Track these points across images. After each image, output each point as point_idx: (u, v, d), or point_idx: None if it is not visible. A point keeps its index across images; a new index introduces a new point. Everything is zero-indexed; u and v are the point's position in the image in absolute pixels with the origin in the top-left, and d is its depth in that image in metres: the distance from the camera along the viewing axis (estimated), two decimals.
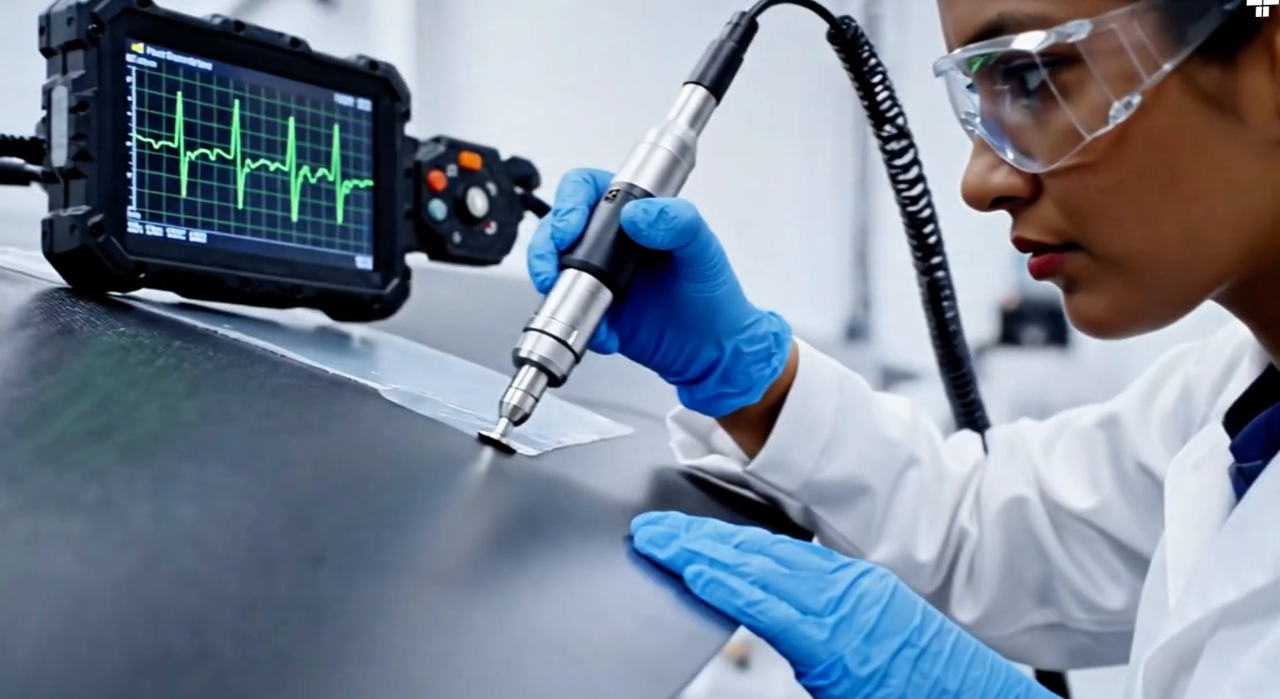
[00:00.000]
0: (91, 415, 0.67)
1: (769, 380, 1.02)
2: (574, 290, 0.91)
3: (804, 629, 0.78)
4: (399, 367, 1.06)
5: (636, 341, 0.99)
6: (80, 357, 0.77)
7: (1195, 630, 0.83)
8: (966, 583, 1.17)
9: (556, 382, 0.90)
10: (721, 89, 0.98)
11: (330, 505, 0.66)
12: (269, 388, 0.83)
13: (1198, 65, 0.77)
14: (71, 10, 0.95)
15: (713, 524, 0.83)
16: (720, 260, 0.96)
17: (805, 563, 0.81)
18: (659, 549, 0.80)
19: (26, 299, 0.89)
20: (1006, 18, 0.80)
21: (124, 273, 0.95)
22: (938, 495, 1.15)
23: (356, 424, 0.83)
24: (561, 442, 0.96)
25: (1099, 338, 0.87)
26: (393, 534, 0.67)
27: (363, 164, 1.11)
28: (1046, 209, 0.84)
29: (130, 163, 0.97)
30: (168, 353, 0.83)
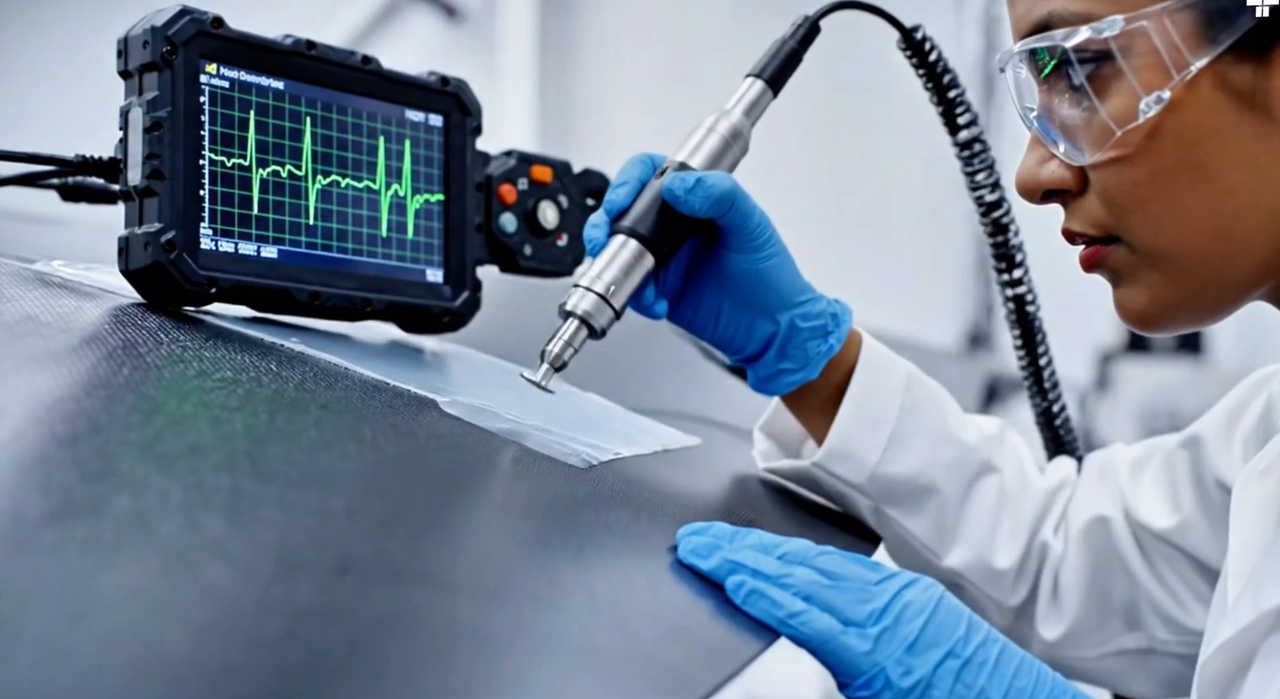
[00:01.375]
0: (137, 427, 0.69)
1: (825, 357, 1.06)
2: (620, 254, 0.98)
3: (846, 640, 0.78)
4: (464, 379, 1.08)
5: (699, 318, 1.05)
6: (137, 370, 0.79)
7: (1249, 634, 0.82)
8: (1051, 599, 1.16)
9: (596, 334, 0.97)
10: (779, 84, 1.04)
11: (362, 516, 0.68)
12: (324, 400, 0.85)
13: (1230, 64, 0.79)
14: (147, 34, 0.98)
15: (757, 535, 0.83)
16: (764, 230, 1.02)
17: (849, 574, 0.81)
18: (702, 560, 0.81)
19: (99, 314, 0.92)
20: (1054, 15, 0.83)
21: (195, 288, 0.98)
22: (1019, 505, 1.15)
23: (412, 436, 0.85)
24: (619, 453, 0.97)
25: (1143, 332, 0.89)
26: (430, 544, 0.69)
27: (434, 178, 1.13)
28: (1091, 202, 0.86)
29: (204, 180, 0.99)
30: (227, 366, 0.86)
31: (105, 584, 0.52)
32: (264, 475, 0.68)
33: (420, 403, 0.92)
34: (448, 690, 0.56)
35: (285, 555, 0.61)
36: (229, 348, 0.92)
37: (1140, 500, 1.14)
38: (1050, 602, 1.16)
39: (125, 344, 0.84)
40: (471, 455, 0.86)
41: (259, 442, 0.74)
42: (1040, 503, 1.17)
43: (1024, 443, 1.19)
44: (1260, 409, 1.07)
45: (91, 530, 0.56)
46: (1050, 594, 1.16)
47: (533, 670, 0.59)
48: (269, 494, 0.66)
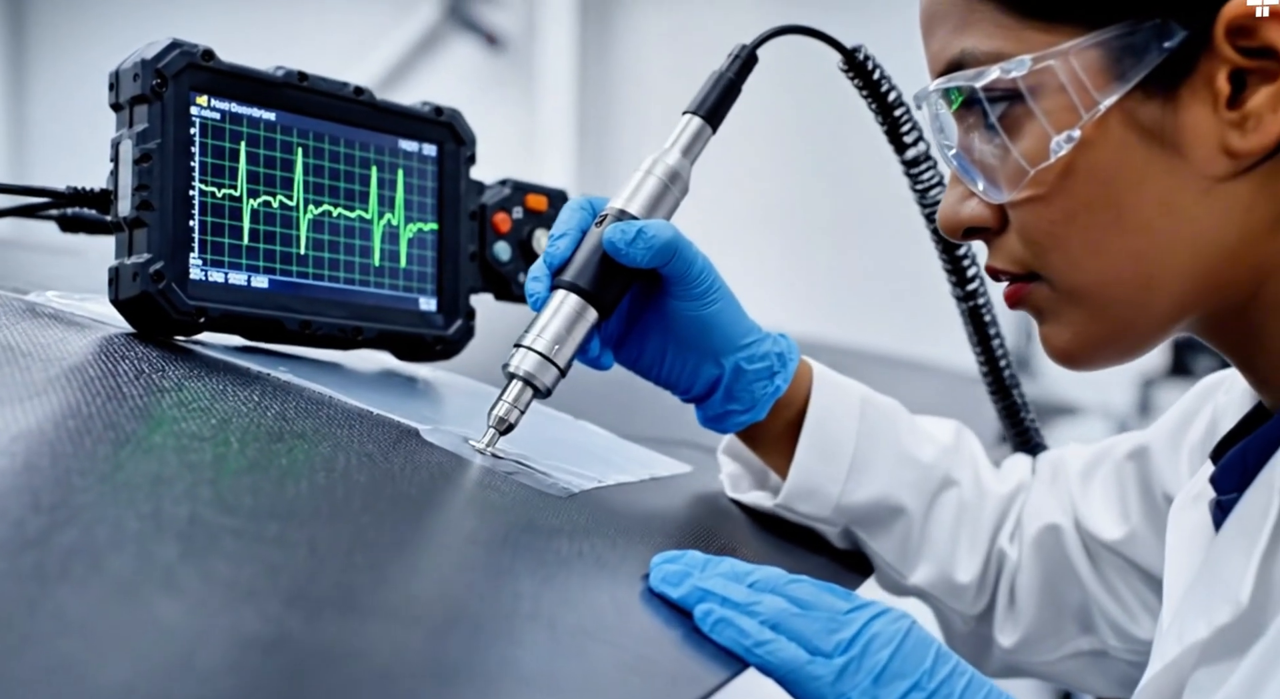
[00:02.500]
0: (103, 457, 0.70)
1: (772, 398, 1.06)
2: (561, 309, 0.98)
3: (812, 670, 0.78)
4: (453, 408, 1.09)
5: (643, 360, 1.06)
6: (111, 400, 0.80)
7: (1175, 668, 0.82)
8: (1008, 606, 1.17)
9: (541, 394, 0.96)
10: (718, 119, 1.03)
11: (321, 546, 0.68)
12: (301, 430, 0.86)
13: (1139, 101, 0.78)
14: (137, 67, 0.99)
15: (729, 563, 0.83)
16: (707, 278, 1.02)
17: (819, 603, 0.81)
18: (672, 588, 0.81)
19: (83, 344, 0.93)
20: (967, 54, 0.82)
21: (184, 318, 0.99)
22: (978, 517, 1.15)
23: (387, 465, 0.85)
24: (602, 481, 0.97)
25: (1069, 368, 0.88)
26: (389, 575, 0.69)
27: (427, 208, 1.14)
28: (1012, 240, 0.86)
29: (193, 211, 1.00)
30: (207, 396, 0.87)
31: (45, 615, 0.52)
32: (224, 506, 0.69)
33: (401, 432, 0.93)
34: None
35: (234, 585, 0.61)
36: (212, 377, 0.92)
37: (1090, 509, 1.14)
38: (1007, 609, 1.17)
39: (104, 374, 0.85)
40: (447, 484, 0.86)
41: (225, 472, 0.74)
42: (997, 511, 1.17)
43: (978, 444, 1.19)
44: (1207, 420, 1.06)
45: (38, 561, 0.56)
46: (1007, 602, 1.17)
47: None
48: (226, 524, 0.66)
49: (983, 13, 0.81)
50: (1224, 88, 0.76)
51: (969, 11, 0.82)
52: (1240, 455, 0.85)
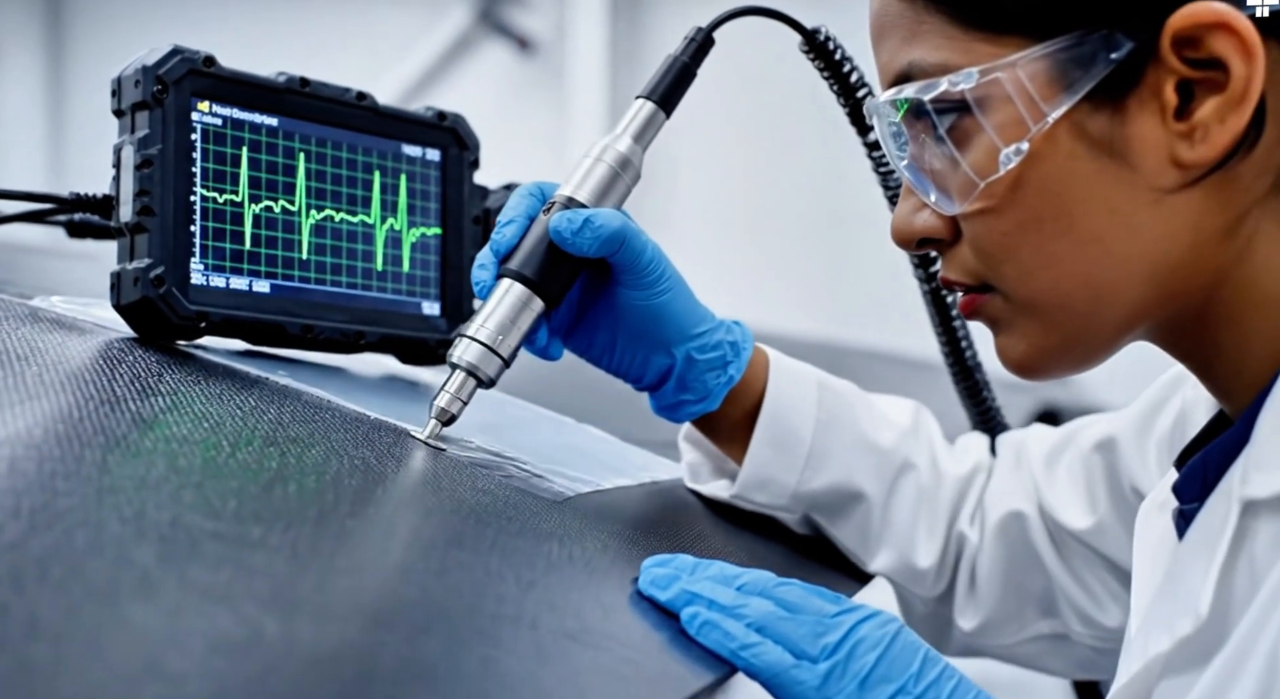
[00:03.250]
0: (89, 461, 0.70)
1: (725, 388, 1.06)
2: (506, 299, 0.97)
3: (797, 674, 0.78)
4: None
5: (594, 349, 1.05)
6: (104, 404, 0.81)
7: (1140, 681, 0.81)
8: (969, 590, 1.17)
9: (485, 384, 0.96)
10: (671, 104, 1.02)
11: (302, 549, 0.68)
12: (296, 434, 0.86)
13: (1087, 113, 0.78)
14: (138, 73, 1.00)
15: (719, 566, 0.83)
16: (657, 268, 1.01)
17: (807, 606, 0.81)
18: (661, 591, 0.81)
19: (81, 348, 0.93)
20: (914, 66, 0.82)
21: (185, 322, 0.99)
22: (935, 500, 1.15)
23: (379, 469, 0.86)
24: (600, 485, 0.98)
25: (1026, 379, 0.88)
26: (370, 578, 0.69)
27: (430, 212, 1.14)
28: (964, 251, 0.85)
29: (195, 216, 1.01)
30: (202, 399, 0.87)
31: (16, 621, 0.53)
32: (207, 510, 0.69)
33: (397, 435, 0.93)
34: None
35: (209, 589, 0.61)
36: (209, 381, 0.93)
37: (1056, 498, 1.14)
38: (968, 593, 1.17)
39: (99, 378, 0.86)
40: (438, 488, 0.86)
41: (213, 476, 0.75)
42: (955, 493, 1.17)
43: (936, 425, 1.19)
44: (1175, 412, 1.06)
45: (13, 565, 0.57)
46: (968, 586, 1.17)
47: None
48: (206, 528, 0.67)
49: (931, 24, 0.81)
50: (1171, 99, 0.76)
51: (917, 23, 0.82)
52: (1201, 464, 0.84)
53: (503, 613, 0.71)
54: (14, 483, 0.65)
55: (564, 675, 0.67)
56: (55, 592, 0.56)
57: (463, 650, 0.66)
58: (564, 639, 0.71)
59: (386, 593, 0.69)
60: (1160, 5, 0.75)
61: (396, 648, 0.63)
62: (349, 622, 0.63)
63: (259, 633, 0.59)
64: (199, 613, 0.58)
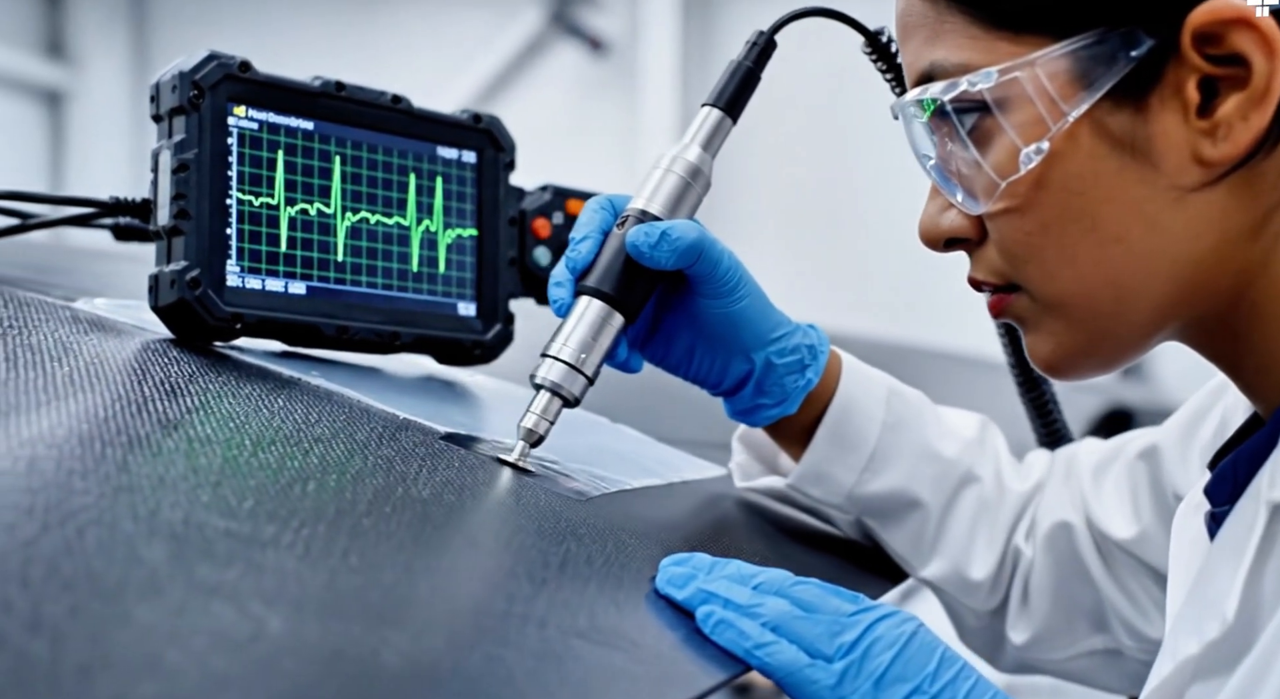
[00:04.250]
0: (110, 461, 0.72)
1: (804, 391, 1.06)
2: (586, 316, 0.96)
3: (811, 673, 0.78)
4: (484, 412, 1.10)
5: (670, 358, 1.05)
6: (131, 403, 0.82)
7: (1170, 685, 0.81)
8: (1021, 603, 1.16)
9: (570, 403, 0.95)
10: (737, 110, 1.02)
11: (315, 549, 0.69)
12: (320, 433, 0.87)
13: (1108, 111, 0.77)
14: (175, 79, 1.02)
15: (736, 565, 0.84)
16: (734, 276, 1.01)
17: (824, 606, 0.81)
18: (677, 590, 0.81)
19: (117, 349, 0.95)
20: (936, 66, 0.82)
21: (220, 323, 1.01)
22: (996, 514, 1.15)
23: (402, 468, 0.87)
24: (627, 484, 0.98)
25: (1055, 378, 0.88)
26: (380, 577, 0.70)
27: (466, 214, 1.15)
28: (991, 251, 0.85)
29: (230, 219, 1.03)
30: (231, 399, 0.89)
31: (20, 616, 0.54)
32: (222, 508, 0.70)
33: (424, 434, 0.94)
34: None
35: (216, 586, 0.62)
36: (241, 382, 0.94)
37: (1102, 508, 1.13)
38: (1020, 606, 1.16)
39: (130, 378, 0.87)
40: (461, 488, 0.87)
41: (232, 475, 0.76)
42: (1016, 509, 1.17)
43: (1002, 439, 1.19)
44: (1217, 420, 1.05)
45: (24, 563, 0.58)
46: (1020, 599, 1.16)
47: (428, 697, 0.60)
48: (220, 527, 0.68)
49: (953, 24, 0.81)
50: (1193, 96, 0.75)
51: (939, 23, 0.82)
52: (1231, 467, 0.84)
53: (513, 611, 0.72)
54: (30, 481, 0.67)
55: (567, 673, 0.68)
56: (61, 589, 0.57)
57: (467, 648, 0.66)
58: (573, 637, 0.72)
59: (394, 590, 0.69)
60: (1180, 2, 0.74)
61: (399, 644, 0.64)
62: (353, 619, 0.64)
63: (262, 629, 0.60)
64: (202, 610, 0.59)
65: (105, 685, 0.52)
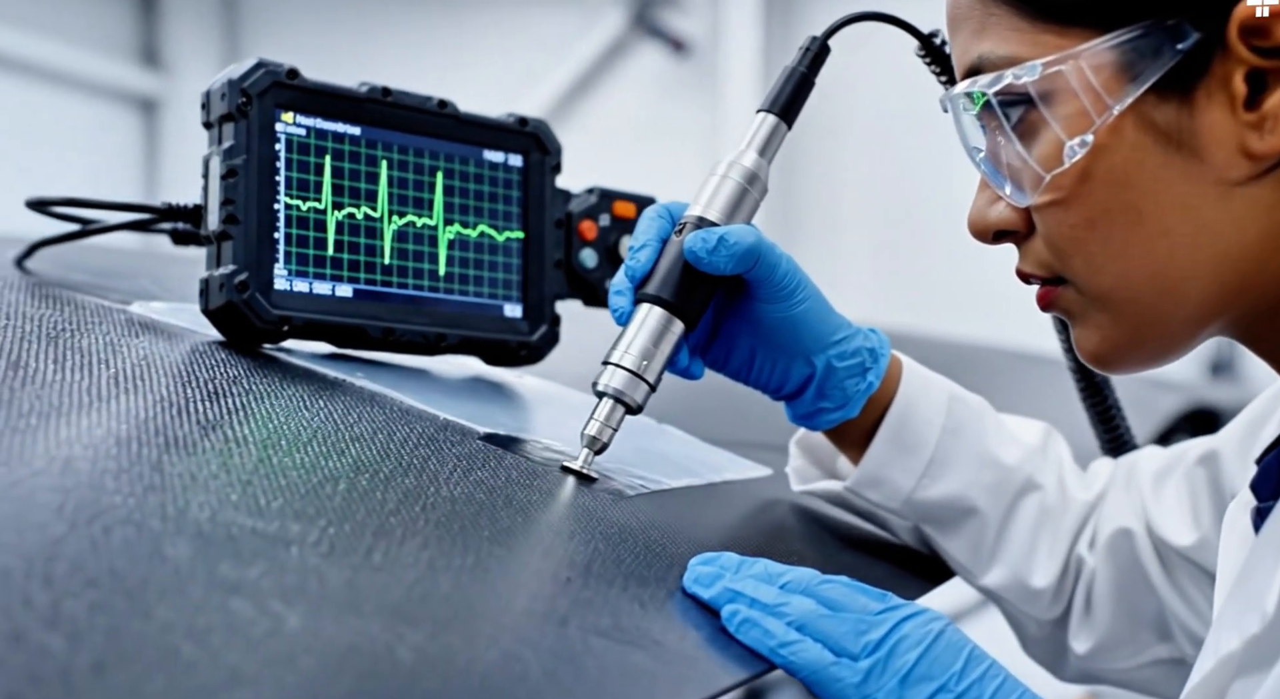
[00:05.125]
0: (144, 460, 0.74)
1: (865, 395, 1.05)
2: (646, 323, 0.97)
3: (836, 671, 0.78)
4: (528, 412, 1.11)
5: (732, 364, 1.05)
6: (172, 405, 0.84)
7: (1213, 680, 0.80)
8: (1084, 612, 1.15)
9: (633, 410, 0.96)
10: (792, 115, 1.02)
11: (339, 548, 0.71)
12: (358, 432, 0.89)
13: (1154, 104, 0.77)
14: (225, 87, 1.04)
15: (763, 564, 0.84)
16: (793, 279, 1.00)
17: (850, 604, 0.81)
18: (704, 589, 0.82)
19: (166, 351, 0.97)
20: (983, 58, 0.82)
21: (268, 326, 1.03)
22: (1059, 523, 1.14)
23: (435, 467, 0.88)
24: (666, 484, 0.99)
25: (1102, 372, 0.90)
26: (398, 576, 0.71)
27: (512, 216, 1.17)
28: (1038, 244, 0.85)
29: (278, 223, 1.05)
30: (272, 399, 0.90)
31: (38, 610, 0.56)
32: (251, 508, 0.72)
33: (463, 434, 0.95)
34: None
35: (238, 586, 0.63)
36: (284, 383, 0.96)
37: (1162, 514, 1.11)
38: (1083, 615, 1.15)
39: (174, 380, 0.89)
40: (492, 488, 0.88)
41: (264, 475, 0.77)
42: (1079, 517, 1.16)
43: (1066, 448, 1.17)
44: (1278, 423, 1.03)
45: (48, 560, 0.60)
46: (1083, 608, 1.15)
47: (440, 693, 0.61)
48: (246, 525, 0.70)
49: (1000, 17, 0.82)
50: (1240, 89, 0.75)
51: (986, 16, 0.82)
52: (1275, 462, 0.83)
53: (534, 610, 0.73)
54: (64, 481, 0.69)
55: (585, 671, 0.69)
56: (84, 586, 0.58)
57: (484, 645, 0.67)
58: (594, 636, 0.72)
59: (415, 588, 0.70)
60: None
61: (415, 641, 0.65)
62: (370, 616, 0.65)
63: (278, 626, 0.61)
64: (220, 607, 0.61)
65: (118, 680, 0.53)
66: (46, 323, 0.96)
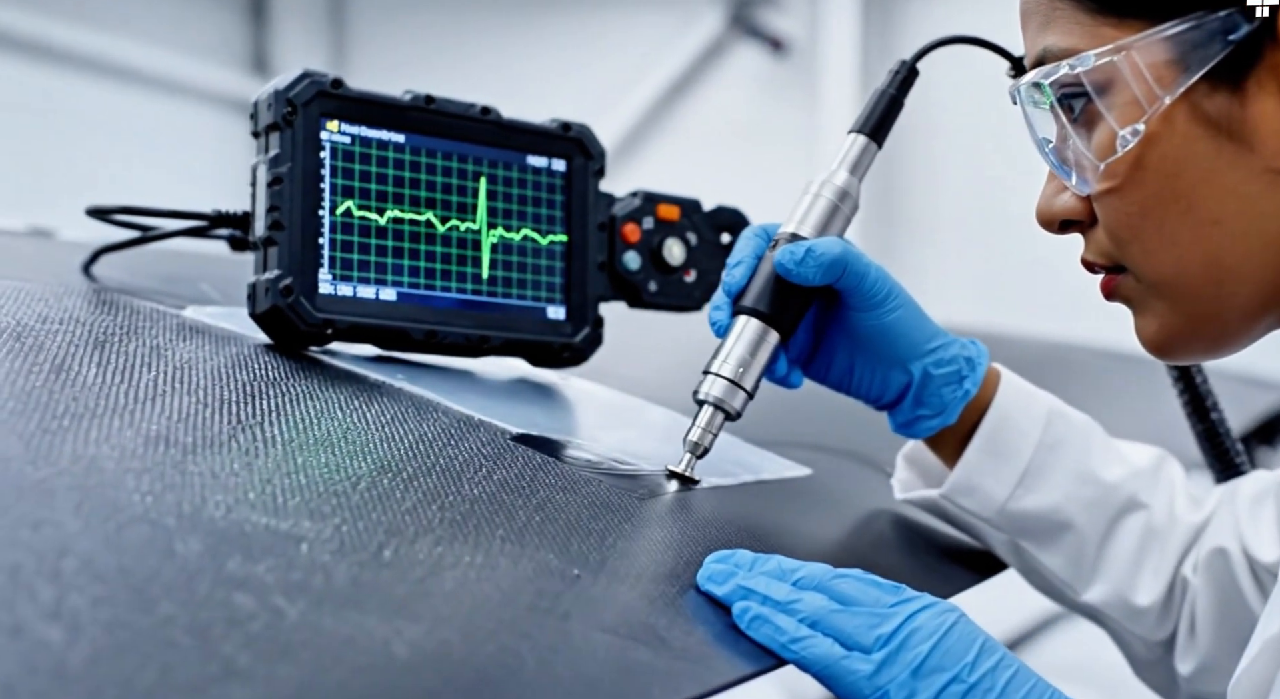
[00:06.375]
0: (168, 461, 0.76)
1: (962, 402, 1.07)
2: (744, 335, 1.02)
3: (848, 664, 0.79)
4: (569, 414, 1.13)
5: (833, 373, 1.08)
6: (206, 406, 0.87)
7: (1260, 662, 0.81)
8: (1188, 634, 1.14)
9: (732, 416, 1.01)
10: (882, 135, 1.06)
11: (349, 544, 0.73)
12: (391, 434, 0.91)
13: (1204, 94, 0.79)
14: (271, 97, 1.07)
15: (776, 561, 0.85)
16: (882, 288, 1.03)
17: (863, 598, 0.82)
18: (717, 586, 0.83)
19: (210, 355, 1.00)
20: (1048, 51, 0.85)
21: (312, 329, 1.06)
22: (1166, 542, 1.14)
23: (460, 468, 0.90)
24: (700, 482, 1.00)
25: (1162, 359, 0.91)
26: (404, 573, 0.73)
27: (556, 220, 1.19)
28: (1100, 233, 0.87)
29: (323, 229, 1.07)
30: (307, 401, 0.93)
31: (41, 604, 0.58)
32: (268, 506, 0.74)
33: (495, 434, 0.97)
34: None
35: (244, 581, 0.66)
36: (323, 384, 0.99)
37: (1254, 532, 1.11)
38: (1188, 636, 1.14)
39: (213, 383, 0.92)
40: (516, 488, 0.90)
41: (287, 474, 0.80)
42: (1186, 539, 1.15)
43: (1181, 472, 1.17)
44: None
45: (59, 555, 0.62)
46: (1188, 629, 1.14)
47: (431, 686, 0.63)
48: (261, 523, 0.72)
49: (1063, 10, 0.84)
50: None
51: (1051, 10, 0.85)
52: None
53: (538, 606, 0.74)
54: (87, 480, 0.71)
55: (581, 666, 0.70)
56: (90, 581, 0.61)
57: (481, 640, 0.69)
58: (596, 631, 0.74)
59: (421, 584, 0.72)
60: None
61: (412, 636, 0.67)
62: (371, 611, 0.67)
63: (278, 620, 0.63)
64: (223, 602, 0.63)
65: (111, 673, 0.55)
66: (97, 328, 1.00)
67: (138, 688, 0.55)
